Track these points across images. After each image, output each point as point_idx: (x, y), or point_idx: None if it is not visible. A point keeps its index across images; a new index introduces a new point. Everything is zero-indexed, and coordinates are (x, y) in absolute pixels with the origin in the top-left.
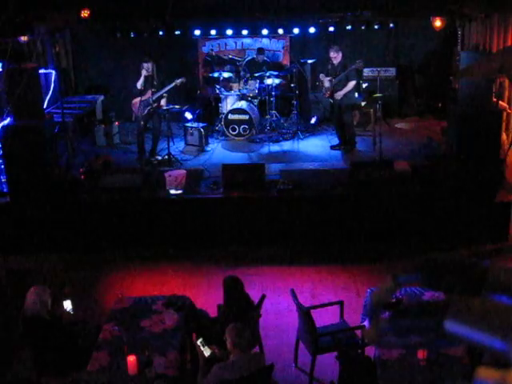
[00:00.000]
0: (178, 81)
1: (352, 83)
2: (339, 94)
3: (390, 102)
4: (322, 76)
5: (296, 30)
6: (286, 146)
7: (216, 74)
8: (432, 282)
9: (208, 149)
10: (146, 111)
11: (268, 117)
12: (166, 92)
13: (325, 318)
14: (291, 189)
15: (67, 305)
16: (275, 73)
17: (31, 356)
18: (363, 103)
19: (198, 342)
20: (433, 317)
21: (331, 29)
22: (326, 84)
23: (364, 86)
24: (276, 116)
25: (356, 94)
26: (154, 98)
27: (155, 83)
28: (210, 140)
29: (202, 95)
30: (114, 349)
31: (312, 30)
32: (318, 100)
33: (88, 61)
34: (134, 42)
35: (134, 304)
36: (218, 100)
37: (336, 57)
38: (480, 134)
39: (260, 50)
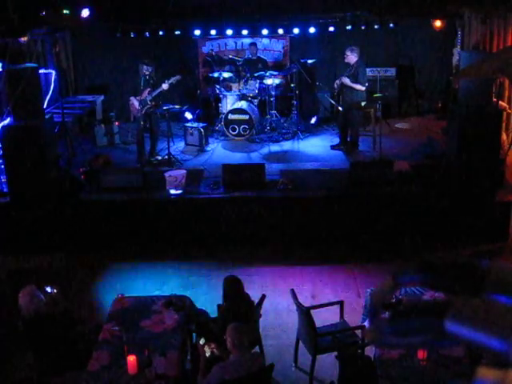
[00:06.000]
0: (174, 79)
1: (358, 86)
2: (345, 81)
3: (390, 102)
4: (338, 80)
5: (296, 30)
6: (286, 145)
7: (216, 74)
8: (432, 282)
9: (208, 149)
10: (143, 111)
11: (268, 117)
12: (161, 90)
13: (325, 318)
14: (291, 189)
15: (49, 290)
16: (275, 73)
17: (31, 356)
18: (363, 103)
19: (201, 342)
20: (433, 317)
21: (331, 29)
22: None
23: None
24: (276, 116)
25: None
26: (151, 98)
27: (152, 82)
28: (210, 140)
29: (202, 95)
30: (114, 349)
31: (312, 29)
32: (318, 100)
33: (88, 61)
34: (134, 41)
35: (133, 304)
36: (218, 100)
37: (348, 56)
38: (480, 133)
39: (251, 44)
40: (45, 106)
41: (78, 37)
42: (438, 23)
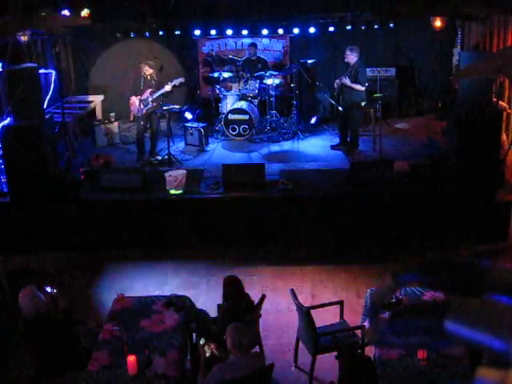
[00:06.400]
0: (177, 81)
1: (358, 86)
2: (343, 81)
3: (390, 102)
4: (338, 80)
5: (296, 30)
6: (286, 146)
7: (216, 74)
8: (432, 282)
9: (208, 149)
10: (144, 111)
11: (268, 117)
12: (164, 92)
13: (325, 318)
14: (291, 189)
15: (49, 290)
16: (275, 73)
17: (31, 356)
18: (363, 103)
19: (201, 342)
20: (433, 317)
21: (331, 29)
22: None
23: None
24: (276, 116)
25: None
26: (153, 98)
27: (154, 83)
28: (210, 140)
29: (202, 95)
30: (114, 349)
31: (312, 29)
32: (318, 100)
33: (88, 61)
34: (134, 41)
35: (134, 304)
36: (218, 100)
37: (347, 56)
38: (480, 134)
39: (251, 45)
40: (45, 106)
41: (77, 37)
42: (438, 23)
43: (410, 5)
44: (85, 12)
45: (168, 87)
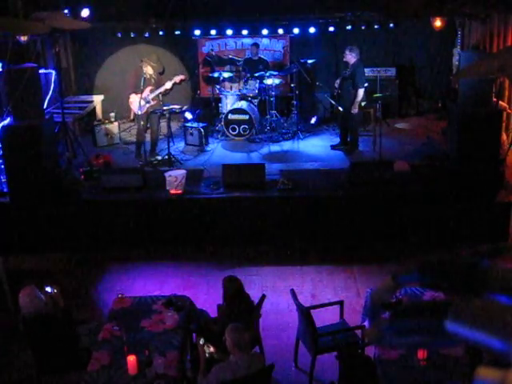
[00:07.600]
0: (178, 78)
1: (361, 91)
2: (354, 109)
3: (390, 102)
4: (338, 80)
5: (296, 30)
6: (286, 146)
7: (216, 74)
8: (432, 282)
9: (208, 149)
10: (145, 109)
11: (268, 117)
12: (165, 90)
13: (325, 318)
14: (291, 189)
15: (49, 290)
16: (275, 73)
17: (31, 356)
18: (363, 103)
19: (201, 342)
20: (433, 317)
21: (331, 29)
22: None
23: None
24: (276, 116)
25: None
26: (153, 96)
27: (153, 81)
28: (210, 140)
29: (202, 95)
30: (114, 349)
31: (312, 29)
32: (318, 100)
33: (88, 61)
34: (134, 41)
35: (134, 304)
36: (218, 100)
37: (346, 55)
38: (480, 133)
39: (253, 45)
40: (45, 106)
41: (77, 37)
42: (437, 23)
43: (410, 5)
44: (85, 12)
45: (168, 84)
